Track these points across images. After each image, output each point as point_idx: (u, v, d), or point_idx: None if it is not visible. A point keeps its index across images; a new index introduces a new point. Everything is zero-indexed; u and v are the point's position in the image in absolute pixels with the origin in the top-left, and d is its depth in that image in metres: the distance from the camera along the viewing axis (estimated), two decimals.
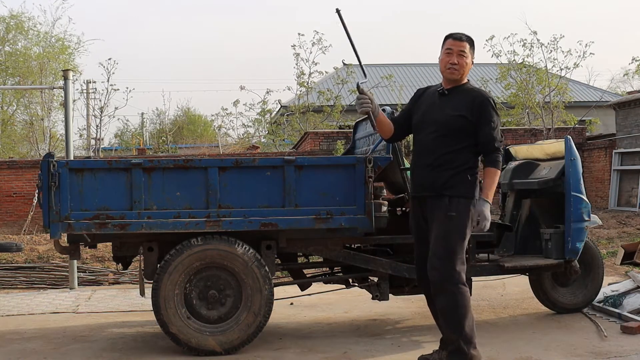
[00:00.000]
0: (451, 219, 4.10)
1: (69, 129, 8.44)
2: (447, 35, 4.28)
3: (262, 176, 4.92)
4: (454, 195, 4.11)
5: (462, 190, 4.12)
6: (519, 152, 6.44)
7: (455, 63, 4.18)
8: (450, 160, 4.14)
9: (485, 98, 4.19)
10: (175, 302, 4.79)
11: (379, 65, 28.47)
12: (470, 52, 4.23)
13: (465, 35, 4.25)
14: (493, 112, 4.17)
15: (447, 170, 4.14)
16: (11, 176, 14.90)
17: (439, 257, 4.09)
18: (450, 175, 4.12)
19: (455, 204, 4.10)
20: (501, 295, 6.91)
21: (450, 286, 4.06)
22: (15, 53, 23.77)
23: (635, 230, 11.24)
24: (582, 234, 5.49)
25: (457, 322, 4.04)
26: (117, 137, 36.95)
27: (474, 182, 4.17)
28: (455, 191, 4.11)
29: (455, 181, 4.12)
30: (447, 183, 4.12)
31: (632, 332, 5.10)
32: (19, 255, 9.23)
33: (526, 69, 19.58)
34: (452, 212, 4.10)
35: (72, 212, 4.77)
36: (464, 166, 4.14)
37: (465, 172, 4.14)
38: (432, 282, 4.14)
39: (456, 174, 4.13)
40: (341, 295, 6.72)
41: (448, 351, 4.12)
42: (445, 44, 4.25)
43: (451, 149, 4.14)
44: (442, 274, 4.07)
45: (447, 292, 4.06)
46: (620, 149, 15.44)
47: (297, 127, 20.76)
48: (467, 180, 4.13)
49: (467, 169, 4.15)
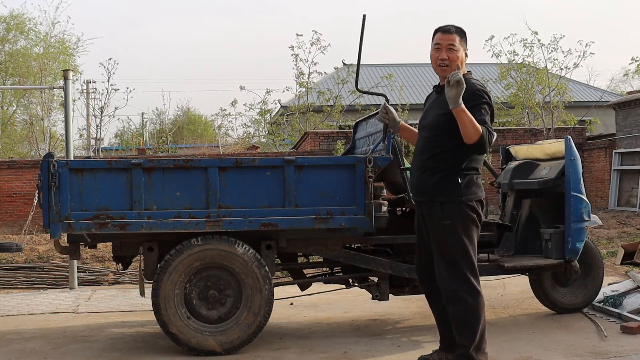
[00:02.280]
0: (446, 227, 3.94)
1: (69, 129, 8.44)
2: (435, 28, 4.03)
3: (262, 176, 4.92)
4: (446, 201, 3.93)
5: (453, 194, 3.91)
6: (519, 152, 6.44)
7: (445, 58, 3.94)
8: (438, 162, 3.95)
9: (476, 88, 3.91)
10: (175, 302, 4.79)
11: (379, 65, 28.44)
12: (462, 45, 3.97)
13: (455, 26, 4.00)
14: (483, 102, 3.89)
15: (434, 174, 3.96)
16: (11, 176, 14.90)
17: (444, 267, 3.98)
18: (438, 179, 3.94)
19: (448, 210, 3.92)
20: (501, 295, 6.90)
21: (461, 293, 3.92)
22: (15, 53, 23.78)
23: (635, 230, 11.24)
24: (582, 234, 5.49)
25: (469, 329, 3.92)
26: (117, 137, 36.97)
27: (467, 184, 3.93)
28: (446, 196, 3.93)
29: (444, 185, 3.93)
30: (436, 188, 3.95)
31: (632, 332, 5.10)
32: (19, 255, 9.23)
33: (526, 69, 19.58)
34: (446, 221, 3.93)
35: (72, 212, 4.77)
36: (454, 168, 3.92)
37: (456, 175, 3.92)
38: (442, 292, 4.02)
39: (445, 176, 3.93)
40: (341, 295, 6.72)
41: (454, 355, 4.03)
42: (434, 38, 4.02)
43: (438, 150, 3.95)
44: (450, 282, 3.96)
45: (457, 299, 3.93)
46: (620, 149, 15.44)
47: (297, 127, 20.76)
48: (457, 183, 3.91)
49: (457, 170, 3.92)
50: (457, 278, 3.94)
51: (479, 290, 3.97)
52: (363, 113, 14.77)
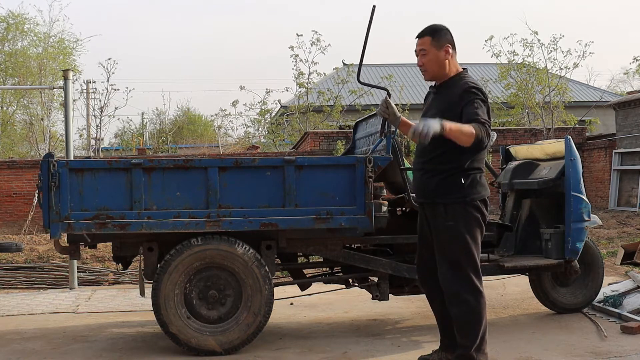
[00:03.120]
0: (449, 228, 3.93)
1: (69, 129, 8.44)
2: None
3: (262, 176, 4.92)
4: (449, 202, 3.92)
5: (456, 195, 3.90)
6: (519, 152, 6.44)
7: (421, 65, 4.00)
8: (439, 163, 3.93)
9: (467, 87, 3.89)
10: (175, 302, 4.79)
11: (379, 65, 28.44)
12: (435, 44, 3.94)
13: (428, 27, 3.99)
14: (475, 97, 3.84)
15: (435, 175, 3.95)
16: (11, 176, 14.90)
17: (447, 268, 3.97)
18: (439, 180, 3.93)
19: (452, 212, 3.91)
20: (501, 295, 6.90)
21: (463, 295, 3.92)
22: (15, 53, 23.78)
23: (635, 230, 11.24)
24: (582, 234, 5.49)
25: (471, 330, 3.93)
26: (117, 137, 36.96)
27: (470, 183, 3.91)
28: (449, 197, 3.91)
29: (446, 186, 3.92)
30: (437, 189, 3.94)
31: (632, 332, 5.10)
32: (19, 255, 9.23)
33: (526, 69, 19.58)
34: (449, 222, 3.92)
35: (72, 212, 4.76)
36: (457, 169, 3.90)
37: (458, 175, 3.89)
38: (445, 293, 4.03)
39: (447, 177, 3.91)
40: (341, 295, 6.72)
41: (455, 355, 4.04)
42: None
43: (439, 152, 3.90)
44: (453, 283, 3.95)
45: (460, 301, 3.93)
46: (620, 149, 15.44)
47: (297, 127, 20.77)
48: (459, 183, 3.89)
49: (460, 171, 3.90)
50: (461, 279, 3.94)
51: (481, 291, 3.97)
52: (363, 113, 14.76)
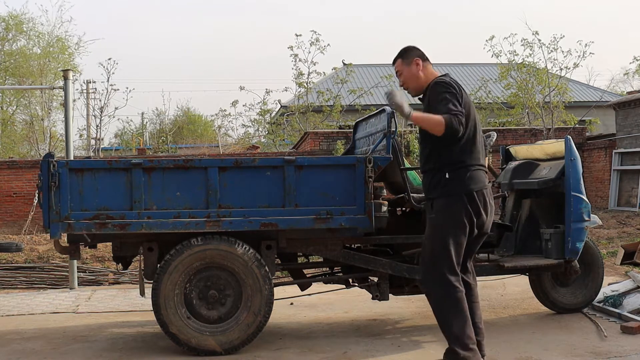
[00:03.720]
0: (431, 220, 4.15)
1: (69, 129, 8.45)
2: None
3: (262, 176, 4.92)
4: (435, 197, 4.14)
5: (440, 190, 4.09)
6: (519, 152, 6.44)
7: (402, 84, 4.38)
8: (430, 162, 4.17)
9: (432, 84, 4.14)
10: (175, 302, 4.79)
11: (379, 65, 28.41)
12: (405, 64, 4.28)
13: (399, 52, 4.34)
14: (440, 91, 4.02)
15: (428, 174, 4.19)
16: (11, 176, 14.89)
17: (424, 261, 4.19)
18: (430, 178, 4.16)
19: (436, 205, 4.12)
20: (501, 295, 6.90)
21: (436, 288, 4.08)
22: (15, 53, 23.78)
23: (635, 230, 11.24)
24: (582, 234, 5.49)
25: (444, 322, 4.08)
26: (117, 137, 36.97)
27: (456, 177, 4.05)
28: (435, 193, 4.13)
29: (435, 183, 4.13)
30: (429, 187, 4.17)
31: (632, 332, 5.10)
32: (19, 255, 9.24)
33: (526, 69, 19.58)
34: (431, 214, 4.15)
35: (72, 212, 4.77)
36: (443, 165, 4.09)
37: (443, 171, 4.08)
38: (421, 284, 4.25)
39: (435, 174, 4.13)
40: (341, 295, 6.72)
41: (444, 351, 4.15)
42: None
43: (427, 152, 4.18)
44: (427, 276, 4.15)
45: (433, 293, 4.12)
46: (620, 149, 15.43)
47: (297, 127, 20.77)
48: (444, 178, 4.07)
49: (445, 166, 4.07)
50: (433, 272, 4.10)
51: (454, 285, 4.04)
52: (363, 113, 14.76)
